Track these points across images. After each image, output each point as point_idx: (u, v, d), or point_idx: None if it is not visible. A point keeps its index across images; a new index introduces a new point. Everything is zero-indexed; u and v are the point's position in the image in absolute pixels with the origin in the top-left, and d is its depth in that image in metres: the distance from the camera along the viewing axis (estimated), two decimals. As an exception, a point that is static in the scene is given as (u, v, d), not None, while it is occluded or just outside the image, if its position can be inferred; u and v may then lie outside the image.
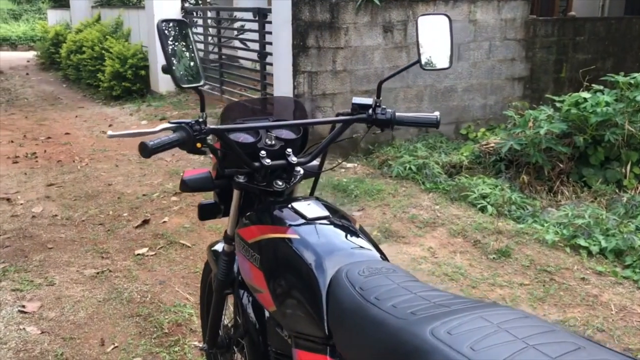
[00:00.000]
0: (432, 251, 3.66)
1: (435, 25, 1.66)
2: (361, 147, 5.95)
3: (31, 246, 3.73)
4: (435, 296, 1.15)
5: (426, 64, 1.72)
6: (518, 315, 1.03)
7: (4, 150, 6.16)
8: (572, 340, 0.92)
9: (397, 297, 1.14)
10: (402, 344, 1.00)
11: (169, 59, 1.38)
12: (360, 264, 1.31)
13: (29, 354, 2.58)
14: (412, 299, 1.14)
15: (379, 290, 1.18)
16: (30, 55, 15.20)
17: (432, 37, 1.67)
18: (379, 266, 1.30)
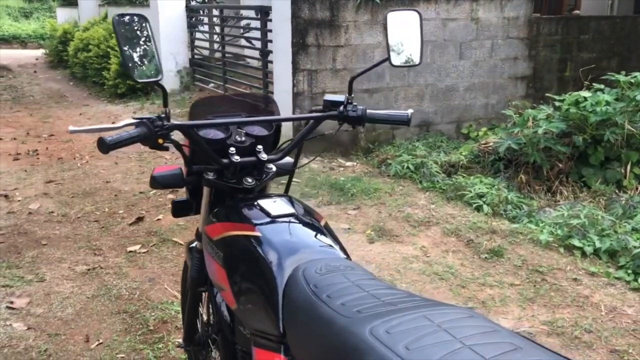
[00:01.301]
0: (424, 250, 3.64)
1: (405, 22, 1.65)
2: (361, 145, 5.93)
3: (25, 242, 3.75)
4: (387, 294, 1.13)
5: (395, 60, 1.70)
6: (463, 315, 1.01)
7: (6, 147, 6.20)
8: (510, 341, 0.91)
9: (348, 295, 1.13)
10: (343, 342, 0.99)
11: (125, 54, 1.37)
12: (319, 261, 1.30)
13: (13, 349, 2.59)
14: (362, 297, 1.12)
15: (332, 288, 1.17)
16: (39, 54, 15.29)
17: (402, 34, 1.65)
18: (337, 264, 1.29)
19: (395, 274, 3.33)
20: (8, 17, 21.95)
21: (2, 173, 5.28)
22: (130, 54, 1.40)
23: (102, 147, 1.35)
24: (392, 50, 1.70)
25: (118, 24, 1.38)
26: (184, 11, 8.86)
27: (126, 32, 1.41)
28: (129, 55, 1.39)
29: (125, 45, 1.38)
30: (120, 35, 1.38)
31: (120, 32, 1.38)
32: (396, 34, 1.67)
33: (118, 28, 1.38)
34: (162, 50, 8.74)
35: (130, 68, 1.39)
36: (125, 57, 1.37)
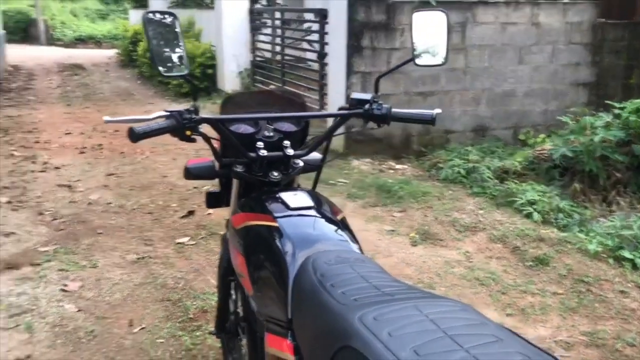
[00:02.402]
0: (467, 255, 3.61)
1: (432, 22, 1.66)
2: (413, 149, 5.92)
3: (83, 231, 3.96)
4: (388, 286, 1.17)
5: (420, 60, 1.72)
6: (455, 307, 1.03)
7: (74, 141, 6.53)
8: (494, 334, 0.92)
9: (350, 285, 1.17)
10: (335, 327, 1.03)
11: (154, 50, 1.45)
12: (330, 253, 1.34)
13: (63, 329, 2.75)
14: (363, 287, 1.16)
15: (337, 278, 1.21)
16: (111, 53, 15.99)
17: (428, 34, 1.67)
18: (347, 256, 1.33)
19: (435, 277, 3.32)
20: (86, 18, 23.04)
21: (68, 165, 5.57)
22: (159, 49, 1.48)
23: (132, 137, 1.44)
24: (416, 49, 1.72)
25: (148, 21, 1.47)
26: (247, 14, 9.06)
27: (156, 28, 1.49)
28: (157, 51, 1.48)
29: (154, 41, 1.47)
30: (150, 31, 1.47)
31: (150, 28, 1.47)
32: (422, 34, 1.69)
33: (148, 25, 1.47)
34: (225, 52, 8.99)
35: (158, 63, 1.47)
36: (154, 53, 1.46)
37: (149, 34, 1.45)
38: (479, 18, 5.85)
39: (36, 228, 3.99)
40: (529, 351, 0.87)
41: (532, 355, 0.86)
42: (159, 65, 1.48)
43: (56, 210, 4.32)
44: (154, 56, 1.46)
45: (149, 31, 1.46)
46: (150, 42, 1.46)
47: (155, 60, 1.46)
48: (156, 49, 1.47)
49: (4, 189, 4.79)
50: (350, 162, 5.63)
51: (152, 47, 1.46)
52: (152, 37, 1.46)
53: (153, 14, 1.50)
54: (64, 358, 2.52)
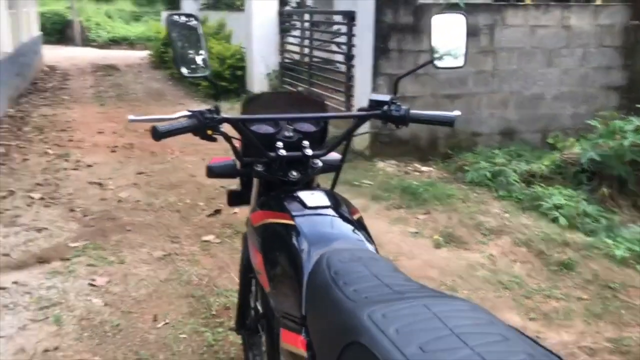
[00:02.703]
0: (491, 259, 3.60)
1: (451, 24, 1.68)
2: (440, 151, 5.89)
3: (112, 227, 4.05)
4: (400, 285, 1.19)
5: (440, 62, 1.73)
6: (465, 307, 1.04)
7: (106, 140, 6.67)
8: (501, 333, 0.93)
9: (362, 283, 1.19)
10: (344, 323, 1.05)
11: (176, 51, 1.50)
12: (344, 251, 1.36)
13: (89, 322, 2.83)
14: (375, 285, 1.18)
15: (350, 276, 1.23)
16: (144, 54, 16.26)
17: (447, 36, 1.69)
18: (361, 255, 1.35)
19: (458, 279, 3.31)
20: (120, 20, 23.47)
21: (99, 163, 5.70)
22: (181, 51, 1.53)
23: (155, 135, 1.49)
24: (436, 52, 1.74)
25: (171, 23, 1.52)
26: (276, 16, 9.13)
27: (178, 30, 1.54)
28: (180, 53, 1.52)
29: (177, 43, 1.52)
30: (173, 33, 1.51)
31: (173, 30, 1.52)
32: (442, 37, 1.70)
33: (171, 27, 1.51)
34: (254, 54, 9.08)
35: (180, 64, 1.52)
36: (177, 54, 1.50)
37: (172, 36, 1.50)
38: (508, 21, 5.81)
39: (67, 224, 4.10)
40: (535, 351, 0.89)
41: (537, 355, 0.87)
42: (181, 66, 1.52)
43: (87, 207, 4.43)
44: (177, 57, 1.51)
45: (172, 33, 1.50)
46: (174, 44, 1.50)
47: (177, 62, 1.51)
48: (179, 50, 1.51)
49: (38, 185, 4.93)
50: (376, 163, 5.63)
51: (175, 49, 1.50)
52: (175, 39, 1.51)
53: (176, 16, 1.54)
54: (90, 350, 2.60)
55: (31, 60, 11.56)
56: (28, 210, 4.32)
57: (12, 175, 5.22)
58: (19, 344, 2.63)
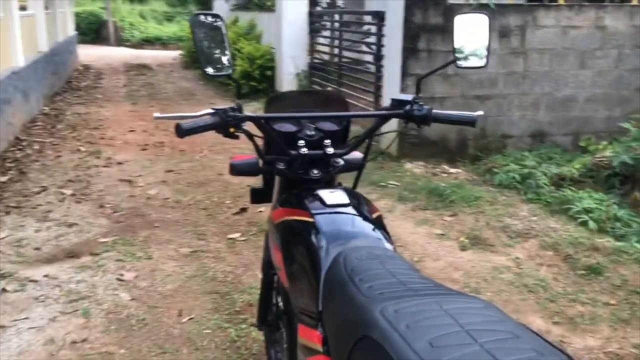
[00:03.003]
0: (517, 262, 3.56)
1: (473, 24, 1.67)
2: (469, 153, 5.85)
3: (140, 224, 4.12)
4: (415, 282, 1.19)
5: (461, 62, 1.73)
6: (477, 304, 1.05)
7: (137, 139, 6.79)
8: (512, 330, 0.93)
9: (377, 280, 1.20)
10: (357, 318, 1.06)
11: (200, 49, 1.53)
12: (361, 249, 1.37)
13: (116, 315, 2.89)
14: (390, 282, 1.19)
15: (366, 273, 1.24)
16: (176, 54, 16.48)
17: (469, 36, 1.68)
18: (379, 253, 1.36)
19: (482, 282, 3.29)
20: (153, 20, 23.82)
21: (130, 161, 5.81)
22: (205, 50, 1.56)
23: (179, 132, 1.52)
24: (459, 53, 1.73)
25: (195, 22, 1.55)
26: (307, 16, 9.16)
27: (202, 29, 1.57)
28: (203, 51, 1.55)
29: (201, 42, 1.54)
30: (197, 33, 1.54)
31: (197, 30, 1.54)
32: (464, 37, 1.70)
33: (195, 25, 1.54)
34: (283, 54, 9.13)
35: (204, 63, 1.54)
36: (200, 52, 1.53)
37: (196, 35, 1.53)
38: (540, 21, 5.73)
39: (97, 220, 4.19)
40: (544, 348, 0.88)
41: (546, 352, 0.87)
42: (204, 65, 1.55)
43: (116, 204, 4.52)
44: (200, 56, 1.54)
45: (196, 32, 1.53)
46: (197, 43, 1.53)
47: (201, 60, 1.54)
48: (203, 49, 1.54)
49: (70, 182, 5.04)
50: (403, 164, 5.62)
51: (199, 48, 1.53)
52: (198, 38, 1.54)
53: (201, 16, 1.57)
54: (116, 343, 2.65)
55: (66, 60, 11.81)
56: (60, 206, 4.43)
57: (45, 171, 5.35)
58: (48, 335, 2.70)
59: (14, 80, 6.64)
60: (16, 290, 3.11)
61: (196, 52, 1.53)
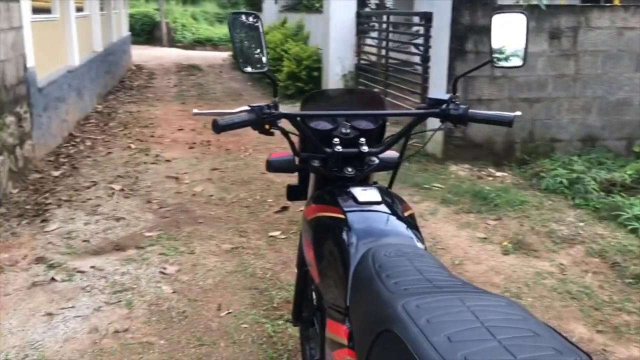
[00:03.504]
0: (561, 268, 3.47)
1: (511, 24, 1.65)
2: (516, 156, 5.74)
3: (185, 219, 4.22)
4: (441, 280, 1.19)
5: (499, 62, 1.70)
6: (500, 302, 1.04)
7: (185, 137, 6.94)
8: (532, 328, 0.92)
9: (404, 277, 1.20)
10: (380, 313, 1.07)
11: (237, 47, 1.56)
12: (390, 246, 1.38)
13: (158, 307, 2.96)
14: (417, 279, 1.19)
15: (394, 269, 1.24)
16: (226, 55, 16.75)
17: (507, 35, 1.66)
18: (407, 250, 1.36)
19: (523, 287, 3.23)
20: (205, 21, 24.27)
21: (177, 159, 5.94)
22: (242, 48, 1.59)
23: (215, 128, 1.55)
24: (496, 53, 1.71)
25: (233, 20, 1.58)
26: (354, 17, 9.17)
27: (240, 27, 1.60)
28: (240, 49, 1.58)
29: (238, 40, 1.58)
30: (235, 31, 1.57)
31: (235, 28, 1.58)
32: (502, 36, 1.68)
33: (233, 25, 1.57)
34: (330, 55, 9.15)
35: (241, 60, 1.58)
36: (237, 50, 1.56)
37: (233, 33, 1.56)
38: (593, 23, 5.58)
39: (144, 214, 4.30)
40: (564, 348, 0.87)
41: (565, 351, 0.86)
42: (241, 62, 1.58)
43: (163, 200, 4.63)
44: (238, 54, 1.57)
45: (234, 30, 1.56)
46: (235, 41, 1.56)
47: (238, 58, 1.57)
48: (240, 47, 1.58)
49: (119, 177, 5.19)
50: (448, 167, 5.56)
51: (236, 46, 1.56)
52: (236, 36, 1.57)
53: (239, 15, 1.60)
54: (156, 334, 2.72)
55: (120, 60, 12.16)
56: (109, 201, 4.57)
57: (96, 167, 5.53)
58: (93, 323, 2.80)
59: (68, 79, 6.88)
60: (64, 280, 3.22)
61: (234, 49, 1.56)
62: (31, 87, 5.25)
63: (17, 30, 4.95)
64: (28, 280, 3.22)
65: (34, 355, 2.53)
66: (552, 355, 0.86)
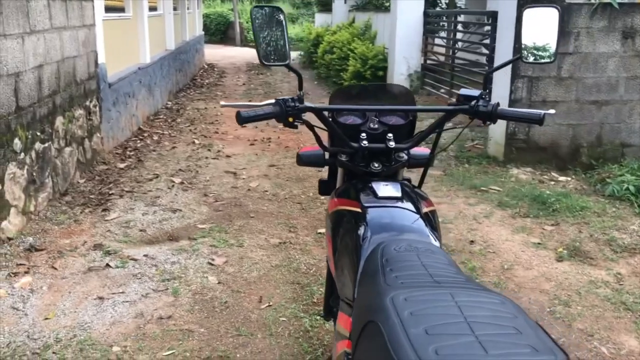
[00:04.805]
0: (618, 277, 3.31)
1: (543, 18, 1.59)
2: (582, 161, 5.52)
3: (238, 213, 4.31)
4: (443, 275, 1.17)
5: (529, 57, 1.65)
6: (494, 300, 1.01)
7: (247, 134, 7.08)
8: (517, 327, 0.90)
9: (407, 271, 1.19)
10: (371, 304, 1.07)
11: (259, 41, 1.58)
12: (402, 241, 1.36)
13: (202, 296, 3.04)
14: (418, 274, 1.17)
15: (399, 264, 1.23)
16: (295, 55, 16.92)
17: (538, 30, 1.60)
18: (419, 246, 1.34)
19: (574, 295, 3.10)
20: (277, 21, 24.58)
21: (237, 155, 6.07)
22: (264, 41, 1.61)
23: (239, 120, 1.58)
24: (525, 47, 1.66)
25: (256, 14, 1.60)
26: (421, 16, 9.07)
27: (262, 21, 1.62)
28: (261, 42, 1.61)
29: (260, 33, 1.60)
30: (257, 24, 1.60)
31: (257, 21, 1.60)
32: (533, 31, 1.62)
33: (255, 18, 1.60)
34: (396, 54, 9.10)
35: (261, 52, 1.60)
36: (259, 44, 1.59)
37: (255, 26, 1.59)
38: (671, 21, 5.28)
39: (199, 207, 4.43)
40: (544, 347, 0.84)
41: (542, 349, 0.83)
42: (262, 54, 1.61)
43: (219, 193, 4.75)
44: (258, 46, 1.60)
45: (256, 23, 1.59)
46: (256, 34, 1.59)
47: (259, 50, 1.60)
48: (261, 40, 1.60)
49: (180, 171, 5.37)
50: (509, 170, 5.41)
51: (258, 38, 1.59)
52: (258, 29, 1.60)
53: (262, 8, 1.63)
54: (197, 322, 2.80)
55: (192, 58, 12.53)
56: (168, 193, 4.73)
57: (160, 160, 5.74)
58: (139, 309, 2.91)
59: (139, 76, 7.17)
60: (118, 266, 3.37)
61: (256, 43, 1.59)
62: (101, 82, 5.51)
63: (90, 28, 5.21)
64: (85, 265, 3.38)
65: (81, 336, 2.66)
66: (526, 354, 0.83)
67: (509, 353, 0.83)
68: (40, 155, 4.07)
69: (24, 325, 2.73)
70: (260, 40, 1.61)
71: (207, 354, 2.55)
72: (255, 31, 1.59)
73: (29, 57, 3.92)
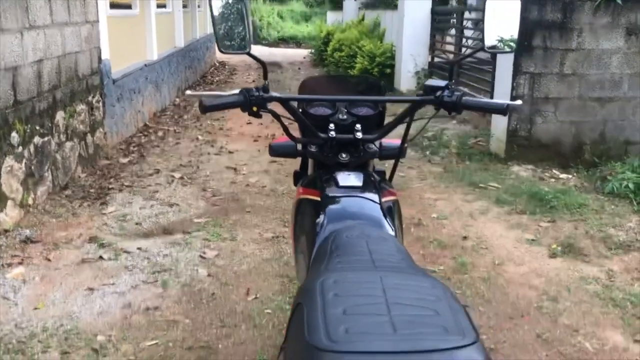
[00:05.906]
0: (610, 274, 3.29)
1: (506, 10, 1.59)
2: (584, 158, 5.46)
3: (234, 208, 4.34)
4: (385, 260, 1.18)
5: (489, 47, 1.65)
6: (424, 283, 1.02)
7: (252, 130, 7.10)
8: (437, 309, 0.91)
9: (350, 256, 1.20)
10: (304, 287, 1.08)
11: (217, 29, 1.60)
12: (355, 229, 1.37)
13: (190, 288, 3.07)
14: (361, 260, 1.18)
15: (346, 250, 1.24)
16: (307, 53, 16.96)
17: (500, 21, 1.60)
18: (371, 234, 1.35)
19: (563, 290, 3.08)
20: (291, 20, 24.68)
21: (240, 151, 6.10)
22: (223, 29, 1.63)
23: (201, 109, 1.60)
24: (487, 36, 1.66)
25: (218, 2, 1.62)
26: (429, 14, 9.04)
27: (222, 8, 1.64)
28: (220, 31, 1.62)
29: (220, 22, 1.61)
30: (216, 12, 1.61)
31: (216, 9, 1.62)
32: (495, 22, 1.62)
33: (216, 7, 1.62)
34: (404, 52, 9.08)
35: (220, 40, 1.62)
36: (217, 32, 1.60)
37: (213, 15, 1.60)
38: (676, 17, 5.22)
39: (197, 202, 4.46)
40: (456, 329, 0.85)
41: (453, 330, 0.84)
42: (220, 42, 1.62)
43: (217, 188, 4.78)
44: (217, 34, 1.61)
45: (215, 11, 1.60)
46: (215, 21, 1.61)
47: (217, 38, 1.61)
48: (220, 27, 1.62)
49: (181, 166, 5.41)
50: (510, 167, 5.38)
51: (216, 26, 1.61)
52: (217, 16, 1.61)
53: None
54: (183, 313, 2.83)
55: (202, 55, 12.60)
56: (167, 187, 4.77)
57: (163, 156, 5.78)
58: (127, 300, 2.95)
59: (145, 72, 7.23)
60: (111, 258, 3.41)
61: (214, 30, 1.61)
62: (105, 78, 5.57)
63: (93, 24, 5.26)
64: (79, 257, 3.43)
65: (68, 325, 2.70)
66: (435, 333, 0.84)
67: (417, 332, 0.84)
68: (40, 149, 4.12)
69: (13, 315, 2.77)
70: (218, 27, 1.62)
71: (190, 344, 2.58)
72: (214, 18, 1.61)
73: (28, 52, 3.98)
